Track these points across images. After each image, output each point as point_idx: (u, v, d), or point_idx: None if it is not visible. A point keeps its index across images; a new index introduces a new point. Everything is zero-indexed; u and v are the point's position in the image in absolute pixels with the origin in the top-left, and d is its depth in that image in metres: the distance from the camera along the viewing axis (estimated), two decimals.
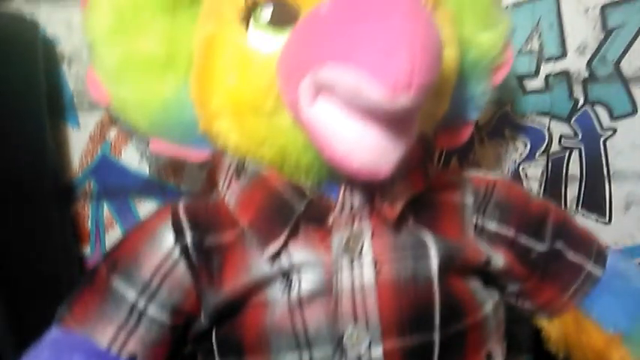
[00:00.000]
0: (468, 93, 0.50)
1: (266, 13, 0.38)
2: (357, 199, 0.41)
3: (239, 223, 0.42)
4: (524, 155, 0.71)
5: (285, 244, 0.40)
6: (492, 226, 0.46)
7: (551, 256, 0.46)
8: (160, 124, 0.45)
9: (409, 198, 0.42)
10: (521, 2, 0.66)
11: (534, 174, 0.72)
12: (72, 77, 0.70)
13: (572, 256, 0.46)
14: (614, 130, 0.70)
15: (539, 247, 0.46)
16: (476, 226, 0.46)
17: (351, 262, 0.40)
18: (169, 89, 0.43)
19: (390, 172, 0.35)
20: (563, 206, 0.72)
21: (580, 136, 0.71)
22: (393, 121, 0.33)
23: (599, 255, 0.47)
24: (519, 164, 0.72)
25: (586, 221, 0.73)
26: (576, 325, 0.48)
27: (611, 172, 0.72)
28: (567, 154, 0.71)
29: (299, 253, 0.40)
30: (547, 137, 0.71)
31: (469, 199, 0.47)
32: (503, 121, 0.70)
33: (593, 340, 0.47)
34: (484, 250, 0.45)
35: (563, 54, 0.68)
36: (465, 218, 0.46)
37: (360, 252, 0.40)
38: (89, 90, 0.47)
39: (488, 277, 0.46)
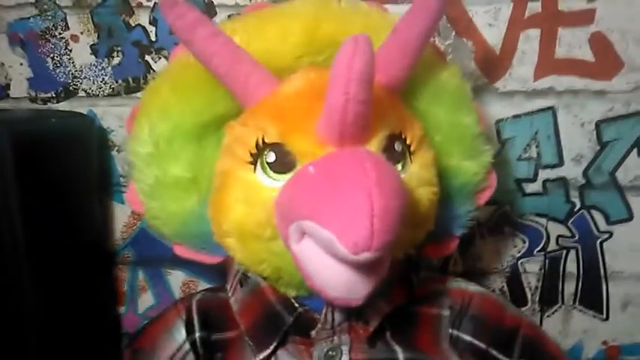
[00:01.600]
0: (454, 212, 0.57)
1: (270, 157, 0.46)
2: (337, 317, 0.48)
3: (240, 326, 0.50)
4: (522, 251, 0.76)
5: (273, 352, 0.47)
6: (467, 337, 0.52)
7: None
8: (182, 234, 0.53)
9: (387, 313, 0.48)
10: (520, 115, 0.72)
11: (533, 269, 0.76)
12: (120, 161, 0.80)
13: None
14: (611, 234, 0.74)
15: None
16: (451, 336, 0.52)
17: None
18: (191, 205, 0.52)
19: (361, 301, 0.42)
20: (560, 302, 0.77)
21: (577, 237, 0.75)
22: (362, 265, 0.40)
23: None
24: (518, 259, 0.77)
25: (584, 317, 0.77)
26: None
27: (608, 273, 0.76)
28: (565, 253, 0.76)
29: None
30: (545, 236, 0.75)
31: (446, 312, 0.52)
32: (503, 219, 0.76)
33: None
34: None
35: (560, 162, 0.73)
36: (440, 329, 0.52)
37: None
38: (128, 199, 0.56)
39: None
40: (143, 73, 0.77)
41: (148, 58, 0.77)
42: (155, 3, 0.75)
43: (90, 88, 0.78)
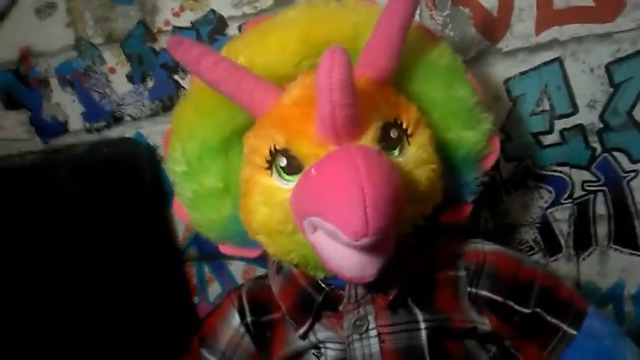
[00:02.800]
0: (462, 181, 0.61)
1: (282, 162, 0.51)
2: (360, 291, 0.55)
3: (281, 308, 0.58)
4: (550, 201, 0.79)
5: (311, 326, 0.55)
6: (484, 293, 0.57)
7: (533, 319, 0.56)
8: (224, 235, 0.62)
9: (403, 282, 0.54)
10: (527, 70, 0.74)
11: (562, 217, 0.79)
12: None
13: (551, 318, 0.55)
14: (637, 172, 0.75)
15: (524, 310, 0.56)
16: (469, 294, 0.57)
17: (361, 337, 0.54)
18: (227, 211, 0.60)
19: (374, 277, 0.48)
20: (594, 243, 0.79)
21: (603, 180, 0.76)
22: (367, 247, 0.47)
23: (576, 317, 0.55)
24: (546, 209, 0.79)
25: (621, 256, 0.79)
26: None
27: (638, 209, 0.77)
28: (592, 197, 0.77)
29: (322, 332, 0.56)
30: (570, 184, 0.77)
31: (462, 273, 0.58)
32: (526, 174, 0.78)
33: None
34: (471, 318, 0.56)
35: (575, 110, 0.74)
36: (458, 289, 0.57)
37: (367, 329, 0.54)
38: (175, 211, 0.65)
39: (485, 336, 0.57)
40: (175, 91, 0.86)
41: (176, 77, 0.85)
42: (174, 26, 0.83)
43: (133, 112, 0.88)
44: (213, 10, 0.81)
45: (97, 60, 0.87)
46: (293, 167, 0.51)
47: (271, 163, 0.52)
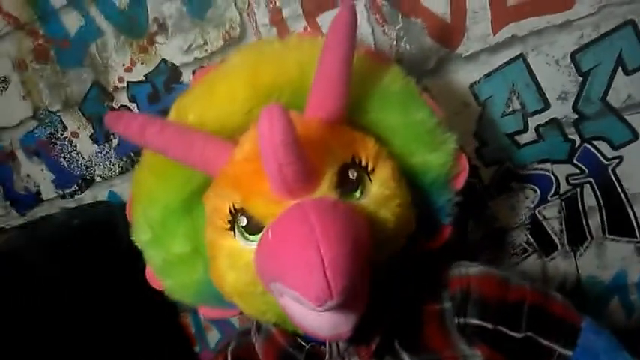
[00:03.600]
0: (436, 204, 0.58)
1: (243, 222, 0.49)
2: (341, 345, 0.52)
3: None
4: (536, 201, 0.76)
5: None
6: (474, 321, 0.54)
7: (525, 343, 0.53)
8: (199, 299, 0.60)
9: (386, 328, 0.52)
10: (491, 72, 0.71)
11: (552, 214, 0.76)
12: None
13: (544, 341, 0.53)
14: (620, 158, 0.72)
15: (515, 335, 0.53)
16: (458, 324, 0.55)
17: None
18: (199, 274, 0.58)
19: (350, 333, 0.46)
20: (588, 236, 0.76)
21: (587, 172, 0.74)
22: (337, 306, 0.44)
23: (570, 334, 0.53)
24: (534, 209, 0.76)
25: (618, 245, 0.76)
26: None
27: (628, 196, 0.74)
28: (579, 190, 0.75)
29: None
30: (554, 180, 0.75)
31: (447, 304, 0.55)
32: (508, 176, 0.76)
33: None
34: (461, 352, 0.53)
35: (547, 105, 0.72)
36: (446, 322, 0.55)
37: None
38: (148, 278, 0.63)
39: None
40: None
41: None
42: (128, 82, 0.81)
43: (103, 173, 0.87)
44: (164, 60, 0.79)
45: (58, 126, 0.86)
46: (253, 227, 0.49)
47: (232, 224, 0.50)
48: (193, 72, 0.79)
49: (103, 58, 0.80)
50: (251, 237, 0.49)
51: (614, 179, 0.73)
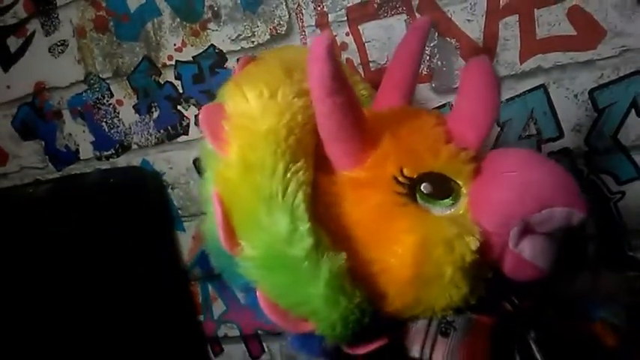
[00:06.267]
0: None
1: (427, 188, 0.47)
2: None
3: None
4: None
5: None
6: None
7: None
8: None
9: None
10: (514, 97, 0.77)
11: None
12: (175, 197, 0.95)
13: None
14: (623, 193, 0.77)
15: None
16: None
17: None
18: None
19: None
20: (585, 264, 0.80)
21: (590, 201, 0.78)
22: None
23: None
24: None
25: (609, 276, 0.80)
26: None
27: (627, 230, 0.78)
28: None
29: None
30: None
31: None
32: None
33: None
34: None
35: (561, 135, 0.76)
36: None
37: None
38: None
39: None
40: (178, 120, 0.90)
41: (179, 107, 0.90)
42: (177, 60, 0.88)
43: (140, 141, 0.93)
44: (213, 45, 0.85)
45: (105, 93, 0.92)
46: (442, 190, 0.47)
47: (412, 194, 0.47)
48: (237, 60, 0.85)
49: (157, 35, 0.87)
50: (443, 202, 0.47)
51: (615, 213, 0.78)
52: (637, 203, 0.77)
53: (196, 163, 0.91)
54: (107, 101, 0.93)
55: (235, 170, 0.45)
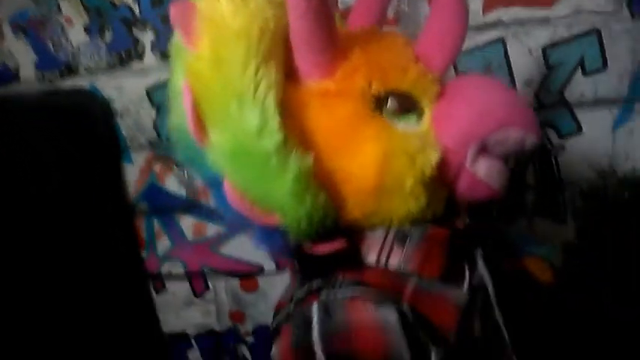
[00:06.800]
0: None
1: (392, 103, 0.48)
2: None
3: None
4: None
5: None
6: None
7: None
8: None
9: None
10: (473, 48, 0.80)
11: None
12: (124, 127, 0.91)
13: None
14: (563, 147, 0.82)
15: None
16: None
17: None
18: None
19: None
20: (523, 212, 0.86)
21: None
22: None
23: None
24: None
25: (544, 224, 0.86)
26: None
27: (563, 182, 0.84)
28: (523, 168, 0.85)
29: None
30: None
31: None
32: None
33: None
34: None
35: (513, 87, 0.80)
36: None
37: None
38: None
39: None
40: (133, 45, 0.86)
41: (135, 31, 0.86)
42: None
43: (88, 65, 0.88)
44: None
45: (53, 9, 0.86)
46: (406, 106, 0.49)
47: (380, 108, 0.48)
48: None
49: None
50: (405, 117, 0.49)
51: (554, 165, 0.84)
52: (575, 157, 0.83)
53: (149, 92, 0.88)
54: (55, 19, 0.86)
55: (206, 64, 0.45)
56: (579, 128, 0.81)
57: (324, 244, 0.48)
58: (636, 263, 0.66)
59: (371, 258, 0.50)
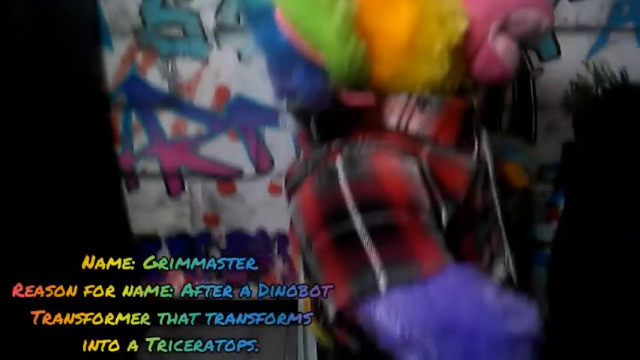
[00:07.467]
0: None
1: None
2: None
3: None
4: None
5: None
6: None
7: None
8: None
9: None
10: None
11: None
12: (107, 10, 0.86)
13: None
14: (542, 70, 0.88)
15: None
16: None
17: None
18: None
19: None
20: (498, 129, 0.92)
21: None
22: None
23: None
24: None
25: (515, 142, 0.93)
26: None
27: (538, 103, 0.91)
28: (502, 87, 0.90)
29: None
30: None
31: None
32: None
33: None
34: None
35: None
36: None
37: None
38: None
39: None
40: None
41: None
42: None
43: None
44: None
45: None
46: None
47: None
48: None
49: None
50: None
51: (531, 87, 0.89)
52: (552, 80, 0.89)
53: None
54: None
55: None
56: (559, 52, 0.87)
57: (357, 96, 0.51)
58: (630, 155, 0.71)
59: (392, 121, 0.52)
